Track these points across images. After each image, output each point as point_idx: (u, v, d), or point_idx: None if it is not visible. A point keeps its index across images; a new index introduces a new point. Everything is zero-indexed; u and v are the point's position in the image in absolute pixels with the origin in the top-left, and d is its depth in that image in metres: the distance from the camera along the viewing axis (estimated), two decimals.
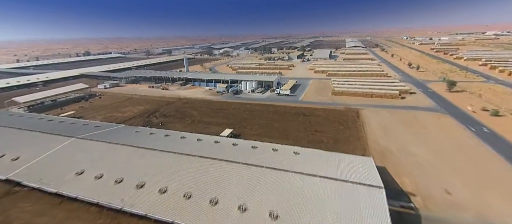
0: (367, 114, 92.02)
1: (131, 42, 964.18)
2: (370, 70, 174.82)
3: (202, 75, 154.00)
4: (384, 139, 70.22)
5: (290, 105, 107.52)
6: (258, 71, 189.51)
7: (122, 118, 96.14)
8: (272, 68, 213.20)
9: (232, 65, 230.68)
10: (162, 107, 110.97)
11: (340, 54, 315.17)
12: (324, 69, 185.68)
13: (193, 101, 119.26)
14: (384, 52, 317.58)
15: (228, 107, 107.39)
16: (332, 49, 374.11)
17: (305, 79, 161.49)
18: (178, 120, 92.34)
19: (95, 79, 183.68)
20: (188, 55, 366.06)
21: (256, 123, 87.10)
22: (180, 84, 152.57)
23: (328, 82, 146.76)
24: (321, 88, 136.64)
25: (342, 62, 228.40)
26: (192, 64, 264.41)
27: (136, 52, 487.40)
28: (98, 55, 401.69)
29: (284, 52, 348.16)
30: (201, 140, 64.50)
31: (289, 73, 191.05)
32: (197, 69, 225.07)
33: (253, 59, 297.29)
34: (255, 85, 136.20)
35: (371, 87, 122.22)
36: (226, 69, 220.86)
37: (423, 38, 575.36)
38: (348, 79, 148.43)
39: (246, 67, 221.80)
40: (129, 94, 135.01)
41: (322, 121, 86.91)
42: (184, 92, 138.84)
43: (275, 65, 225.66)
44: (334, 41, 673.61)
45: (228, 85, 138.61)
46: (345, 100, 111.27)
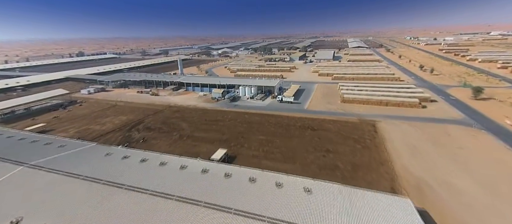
0: (386, 128, 78.19)
1: (129, 42, 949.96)
2: (379, 73, 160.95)
3: (196, 79, 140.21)
4: (415, 165, 56.36)
5: (295, 115, 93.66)
6: (258, 74, 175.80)
7: (99, 132, 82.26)
8: (273, 70, 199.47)
9: (230, 67, 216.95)
10: (148, 117, 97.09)
11: (344, 55, 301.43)
12: (329, 72, 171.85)
13: (184, 110, 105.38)
14: (390, 53, 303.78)
15: (223, 118, 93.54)
16: (335, 50, 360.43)
17: (309, 83, 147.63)
18: (164, 135, 78.42)
19: (82, 82, 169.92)
20: (185, 55, 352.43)
21: (256, 140, 73.26)
22: (172, 89, 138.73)
23: (335, 87, 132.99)
24: (328, 94, 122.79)
25: (348, 64, 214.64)
26: (189, 65, 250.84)
27: (132, 52, 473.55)
28: (92, 55, 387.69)
29: (285, 53, 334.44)
30: (185, 168, 50.74)
31: (291, 76, 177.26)
32: (193, 71, 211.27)
33: (253, 60, 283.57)
34: (255, 90, 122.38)
35: (385, 93, 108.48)
36: (224, 72, 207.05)
37: (427, 39, 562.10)
38: (357, 83, 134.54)
39: (245, 69, 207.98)
40: (114, 101, 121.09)
41: (334, 137, 73.08)
42: (176, 98, 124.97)
43: (276, 67, 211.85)
44: (336, 42, 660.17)
45: (225, 91, 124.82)
46: (356, 109, 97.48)
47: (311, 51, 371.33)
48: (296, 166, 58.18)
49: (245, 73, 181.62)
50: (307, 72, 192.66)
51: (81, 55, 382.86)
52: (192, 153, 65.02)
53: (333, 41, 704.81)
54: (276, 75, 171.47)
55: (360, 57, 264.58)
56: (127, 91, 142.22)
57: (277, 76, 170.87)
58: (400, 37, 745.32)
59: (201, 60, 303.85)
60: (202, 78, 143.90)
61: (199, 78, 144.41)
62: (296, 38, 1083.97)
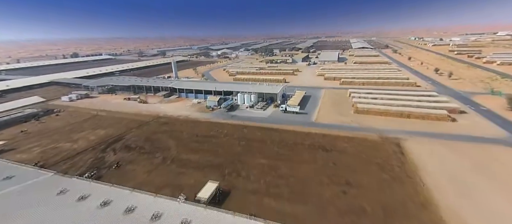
0: (415, 149, 64.11)
1: (128, 42, 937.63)
2: (392, 77, 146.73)
3: (190, 84, 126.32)
4: (469, 210, 42.28)
5: (302, 129, 79.65)
6: (258, 78, 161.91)
7: (67, 153, 68.44)
8: (274, 73, 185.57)
9: (229, 70, 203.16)
10: (131, 131, 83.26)
11: (349, 57, 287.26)
12: (336, 76, 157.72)
13: (173, 122, 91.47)
14: (397, 54, 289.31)
15: (218, 133, 79.59)
16: (339, 51, 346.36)
17: (316, 89, 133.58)
18: (144, 158, 64.48)
19: (67, 87, 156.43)
20: (183, 57, 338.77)
21: (256, 165, 59.36)
22: (164, 96, 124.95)
23: (345, 94, 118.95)
24: (337, 101, 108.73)
25: (355, 67, 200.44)
26: (186, 67, 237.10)
27: (129, 53, 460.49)
28: (86, 56, 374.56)
29: (287, 54, 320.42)
30: (159, 219, 36.99)
31: (295, 80, 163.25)
32: (190, 74, 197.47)
33: (254, 62, 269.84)
34: (255, 98, 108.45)
35: (405, 103, 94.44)
36: (222, 75, 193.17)
37: (433, 39, 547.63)
38: (369, 90, 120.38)
39: (245, 72, 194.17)
40: (95, 110, 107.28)
41: (353, 162, 59.05)
42: (166, 106, 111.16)
43: (278, 69, 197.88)
44: (338, 42, 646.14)
45: (221, 99, 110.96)
46: (373, 122, 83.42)
47: (313, 52, 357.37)
48: (309, 209, 44.24)
49: (244, 77, 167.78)
50: (311, 75, 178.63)
51: (76, 56, 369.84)
52: (175, 186, 51.20)
53: (335, 41, 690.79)
54: (278, 80, 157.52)
55: (366, 58, 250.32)
56: (114, 97, 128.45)
57: (279, 80, 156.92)
58: (404, 38, 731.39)
59: (199, 62, 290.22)
60: (196, 83, 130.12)
61: (194, 83, 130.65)
62: (297, 38, 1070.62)
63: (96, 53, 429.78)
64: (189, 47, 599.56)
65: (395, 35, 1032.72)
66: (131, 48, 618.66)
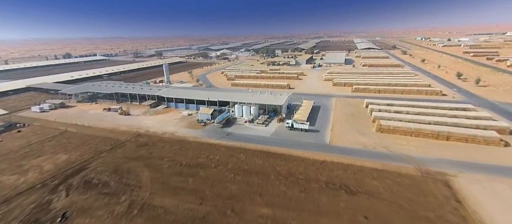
0: (473, 192, 47.05)
1: (126, 42, 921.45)
2: (411, 84, 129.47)
3: (181, 93, 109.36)
4: None
5: (315, 156, 62.75)
6: (259, 84, 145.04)
7: (7, 193, 51.66)
8: (277, 77, 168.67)
9: (227, 73, 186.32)
10: (100, 156, 66.55)
11: (356, 58, 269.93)
12: (346, 81, 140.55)
13: (155, 142, 74.63)
14: (408, 55, 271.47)
15: (208, 160, 62.80)
16: (345, 52, 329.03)
17: (325, 97, 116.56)
18: (103, 204, 47.61)
19: (45, 93, 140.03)
20: (180, 57, 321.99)
21: (255, 217, 42.48)
22: (150, 105, 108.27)
23: (360, 104, 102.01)
24: (353, 114, 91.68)
25: (365, 70, 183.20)
26: (182, 69, 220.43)
27: (125, 53, 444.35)
28: (80, 57, 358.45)
29: (289, 55, 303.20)
30: None
31: (300, 85, 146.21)
32: (184, 78, 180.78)
33: (254, 63, 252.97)
34: (255, 110, 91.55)
35: (438, 119, 77.32)
36: (220, 79, 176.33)
37: (440, 39, 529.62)
38: (388, 99, 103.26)
39: (245, 76, 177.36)
40: (65, 125, 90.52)
41: (392, 216, 42.06)
42: (151, 120, 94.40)
43: (281, 73, 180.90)
44: (342, 42, 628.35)
45: (216, 110, 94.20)
46: (404, 145, 66.48)
47: (317, 53, 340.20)
48: None
49: (244, 82, 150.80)
50: (318, 80, 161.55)
51: (68, 57, 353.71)
52: None
53: (339, 41, 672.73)
54: (282, 85, 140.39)
55: (375, 60, 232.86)
56: (93, 107, 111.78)
57: (282, 86, 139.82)
58: (409, 38, 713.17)
59: (196, 64, 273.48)
60: (188, 91, 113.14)
61: (185, 91, 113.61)
62: (299, 38, 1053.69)
63: (91, 54, 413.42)
64: (188, 47, 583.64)
65: (399, 35, 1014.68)
66: (128, 48, 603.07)
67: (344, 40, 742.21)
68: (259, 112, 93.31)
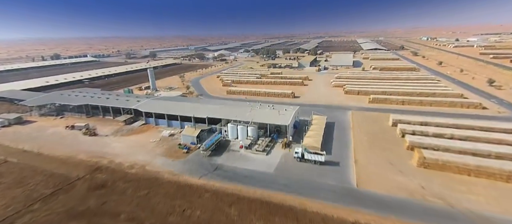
0: None
1: (123, 42, 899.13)
2: (439, 93, 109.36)
3: (162, 107, 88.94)
4: None
5: (340, 213, 42.85)
6: (259, 92, 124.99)
7: None
8: (279, 83, 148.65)
9: (223, 78, 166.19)
10: (30, 209, 46.54)
11: (363, 60, 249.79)
12: (360, 89, 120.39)
13: (116, 182, 54.45)
14: (420, 57, 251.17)
15: (182, 219, 42.75)
16: (351, 53, 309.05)
17: (338, 110, 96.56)
18: None
19: (9, 103, 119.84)
20: (174, 59, 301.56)
21: None
22: (125, 121, 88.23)
23: (382, 119, 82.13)
24: (377, 136, 71.62)
25: (377, 74, 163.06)
26: (173, 72, 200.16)
27: (119, 54, 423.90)
28: (69, 58, 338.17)
29: (291, 57, 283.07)
30: None
31: (306, 93, 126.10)
32: (174, 83, 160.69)
33: (254, 66, 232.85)
34: (254, 132, 71.46)
35: (500, 149, 57.30)
36: (215, 84, 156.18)
37: (447, 39, 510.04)
38: (419, 114, 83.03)
39: (243, 81, 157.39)
40: (7, 151, 70.32)
41: None
42: (121, 143, 74.25)
43: (284, 78, 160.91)
44: (344, 42, 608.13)
45: (203, 131, 74.14)
46: (464, 193, 46.55)
47: (321, 54, 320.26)
48: None
49: (241, 90, 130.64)
50: (325, 86, 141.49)
51: (57, 58, 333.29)
52: None
53: (341, 41, 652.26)
54: (285, 93, 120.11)
55: (386, 63, 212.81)
56: (56, 123, 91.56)
57: (286, 95, 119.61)
58: (413, 38, 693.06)
59: (191, 66, 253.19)
60: (172, 103, 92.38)
61: (168, 103, 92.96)
62: (299, 38, 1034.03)
63: (81, 54, 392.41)
64: (186, 47, 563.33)
65: (401, 35, 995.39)
66: (124, 48, 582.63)
67: (346, 40, 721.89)
68: (259, 132, 73.23)
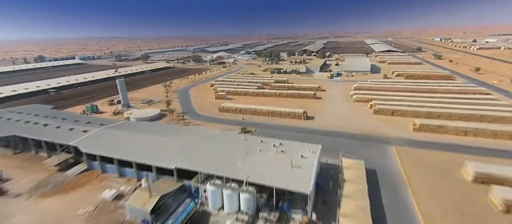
0: None
1: (122, 42, 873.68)
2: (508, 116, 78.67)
3: (110, 143, 59.65)
4: None
5: None
6: (261, 111, 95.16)
7: None
8: (285, 95, 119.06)
9: (218, 87, 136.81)
10: None
11: (379, 64, 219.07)
12: (395, 107, 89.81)
13: None
14: (446, 61, 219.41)
15: None
16: (367, 56, 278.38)
17: (373, 143, 66.40)
18: None
19: None
20: (167, 62, 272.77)
21: None
22: (59, 165, 59.02)
23: (447, 164, 51.92)
24: (455, 204, 41.46)
25: (405, 83, 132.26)
26: (161, 79, 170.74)
27: (111, 55, 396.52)
28: (54, 60, 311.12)
29: (297, 60, 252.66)
30: None
31: (322, 111, 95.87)
32: (158, 94, 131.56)
33: (256, 70, 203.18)
34: (250, 201, 41.70)
35: None
36: (206, 98, 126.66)
37: (462, 40, 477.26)
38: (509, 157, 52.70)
39: (241, 92, 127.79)
40: None
41: None
42: (34, 212, 44.93)
43: (291, 88, 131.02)
44: (352, 43, 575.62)
45: (166, 196, 44.57)
46: None
47: (329, 56, 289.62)
48: None
49: (237, 107, 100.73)
50: (344, 99, 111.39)
51: (41, 60, 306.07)
52: None
53: (348, 42, 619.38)
54: (295, 114, 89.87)
55: (409, 68, 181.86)
56: None
57: (295, 115, 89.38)
58: (424, 38, 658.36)
59: (184, 70, 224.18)
60: (127, 138, 62.80)
61: (121, 138, 63.34)
62: (303, 38, 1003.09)
63: (69, 56, 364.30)
64: (184, 48, 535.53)
65: (409, 35, 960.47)
66: (120, 49, 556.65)
67: (353, 40, 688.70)
68: (259, 201, 43.51)
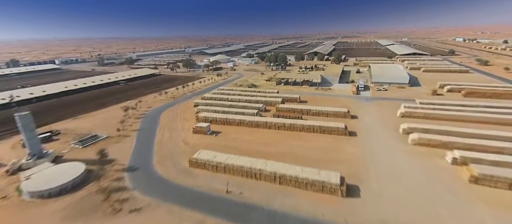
0: None
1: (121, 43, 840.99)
2: None
3: None
4: None
5: None
6: (261, 175, 53.22)
7: None
8: (300, 128, 76.87)
9: (202, 110, 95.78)
10: None
11: (412, 71, 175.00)
12: (507, 175, 47.09)
13: None
14: (495, 67, 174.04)
15: None
16: (401, 64, 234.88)
17: None
18: None
19: None
20: (155, 68, 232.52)
21: None
22: None
23: None
24: None
25: (476, 107, 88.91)
26: (136, 93, 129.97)
27: (99, 57, 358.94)
28: (29, 65, 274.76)
29: (308, 65, 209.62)
30: None
31: (363, 165, 53.40)
32: (113, 122, 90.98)
33: (257, 79, 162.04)
34: None
35: None
36: (179, 130, 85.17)
37: (491, 41, 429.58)
38: None
39: (232, 122, 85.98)
40: None
41: None
42: None
43: (306, 113, 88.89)
44: (364, 44, 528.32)
45: None
46: None
47: (344, 60, 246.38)
48: None
49: (220, 164, 58.97)
50: (392, 138, 68.60)
51: (15, 65, 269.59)
52: None
53: (359, 43, 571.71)
54: (324, 185, 47.89)
55: (458, 79, 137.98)
56: None
57: (325, 187, 47.33)
58: (439, 38, 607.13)
59: (170, 79, 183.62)
60: None
61: None
62: (309, 38, 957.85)
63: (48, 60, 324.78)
64: (183, 49, 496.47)
65: (421, 35, 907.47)
66: (114, 50, 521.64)
67: (364, 41, 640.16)
68: None
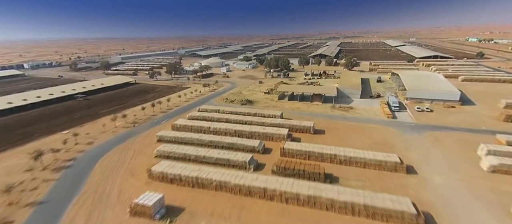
0: None
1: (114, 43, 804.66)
2: None
3: None
4: None
5: None
6: None
7: None
8: (325, 205, 40.41)
9: (165, 151, 60.02)
10: None
11: (447, 79, 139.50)
12: None
13: None
14: None
15: None
16: (439, 73, 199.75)
17: None
18: None
19: None
20: (134, 74, 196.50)
21: None
22: None
23: None
24: None
25: None
26: (92, 114, 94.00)
27: (78, 60, 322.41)
28: None
29: (315, 73, 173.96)
30: None
31: None
32: (23, 169, 54.78)
33: (254, 92, 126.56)
34: None
35: None
36: (124, 190, 48.75)
37: (509, 41, 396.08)
38: None
39: (205, 182, 49.54)
40: None
41: None
42: None
43: (333, 160, 53.21)
44: (370, 45, 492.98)
45: None
46: None
47: (356, 64, 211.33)
48: None
49: None
50: None
51: None
52: None
53: (365, 44, 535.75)
54: None
55: (504, 89, 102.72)
56: None
57: None
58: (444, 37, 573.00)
59: (145, 90, 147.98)
60: None
61: None
62: (310, 38, 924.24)
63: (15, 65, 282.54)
64: (175, 51, 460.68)
65: (425, 34, 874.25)
66: (102, 51, 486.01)
67: (369, 42, 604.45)
68: None
